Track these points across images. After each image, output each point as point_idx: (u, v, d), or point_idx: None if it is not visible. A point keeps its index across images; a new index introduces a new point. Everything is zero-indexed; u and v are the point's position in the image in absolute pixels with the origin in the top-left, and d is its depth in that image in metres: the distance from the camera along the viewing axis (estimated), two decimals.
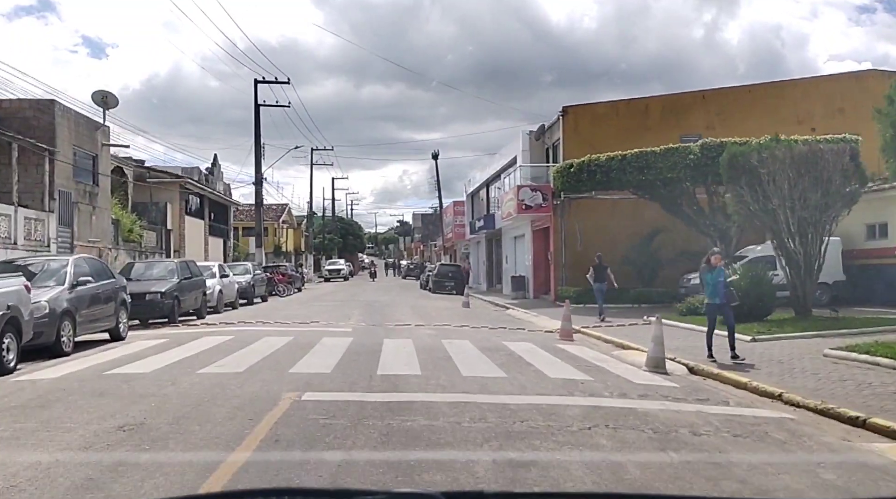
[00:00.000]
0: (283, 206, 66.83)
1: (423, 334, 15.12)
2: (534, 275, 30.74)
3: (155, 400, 7.35)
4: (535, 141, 30.55)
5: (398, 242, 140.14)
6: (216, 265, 22.62)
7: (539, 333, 16.87)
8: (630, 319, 19.27)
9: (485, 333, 15.82)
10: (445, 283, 38.56)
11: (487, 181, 41.71)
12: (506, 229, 36.37)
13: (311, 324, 17.01)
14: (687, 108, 27.54)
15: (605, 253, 27.13)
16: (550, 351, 12.77)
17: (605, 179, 22.35)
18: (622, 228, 26.86)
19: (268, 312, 22.02)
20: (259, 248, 40.00)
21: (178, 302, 17.23)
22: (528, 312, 23.22)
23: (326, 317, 19.52)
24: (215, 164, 41.85)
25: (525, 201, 27.42)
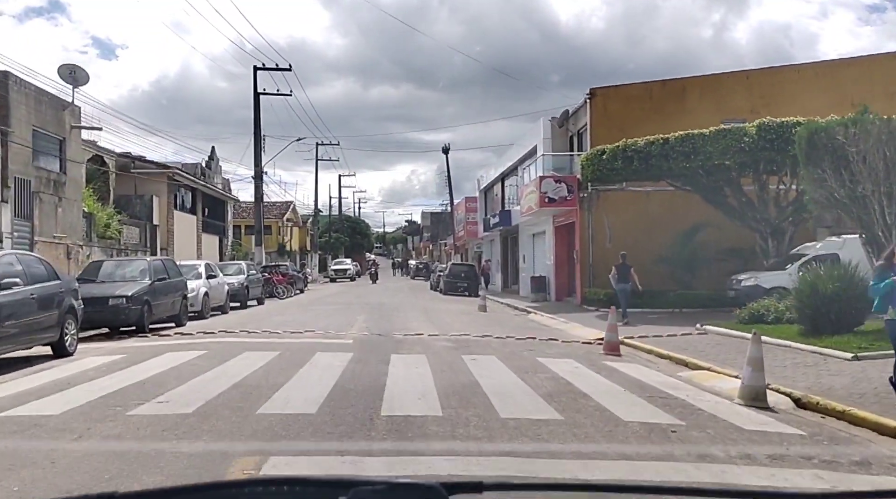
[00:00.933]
0: (287, 203, 64.26)
1: (438, 348, 12.44)
2: (556, 275, 28.02)
3: (19, 480, 4.64)
4: (558, 128, 27.83)
5: (406, 241, 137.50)
6: (202, 265, 20.01)
7: (576, 345, 14.15)
8: (674, 326, 16.55)
9: (513, 346, 13.12)
10: (458, 284, 35.88)
11: (503, 175, 39.00)
12: (523, 226, 33.65)
13: (305, 333, 14.35)
14: (729, 90, 24.77)
15: (639, 252, 24.41)
16: (603, 373, 10.07)
17: (643, 167, 19.61)
18: (657, 224, 24.12)
19: (260, 317, 19.39)
20: (259, 246, 37.41)
21: (148, 308, 14.60)
22: (553, 318, 20.50)
23: (325, 324, 16.87)
24: (213, 157, 39.29)
25: (548, 194, 24.71)
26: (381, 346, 12.56)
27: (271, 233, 61.12)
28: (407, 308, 23.82)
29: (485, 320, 19.66)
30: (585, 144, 26.54)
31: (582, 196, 24.69)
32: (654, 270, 23.54)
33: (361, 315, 19.85)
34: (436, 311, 23.06)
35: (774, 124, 17.99)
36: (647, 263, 23.80)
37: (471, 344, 13.22)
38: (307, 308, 23.33)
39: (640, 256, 24.36)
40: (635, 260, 24.46)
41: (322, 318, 18.95)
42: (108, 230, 21.18)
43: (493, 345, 13.22)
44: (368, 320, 18.24)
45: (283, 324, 16.72)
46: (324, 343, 12.71)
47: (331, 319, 18.34)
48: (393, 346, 12.60)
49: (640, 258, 24.30)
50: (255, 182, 37.47)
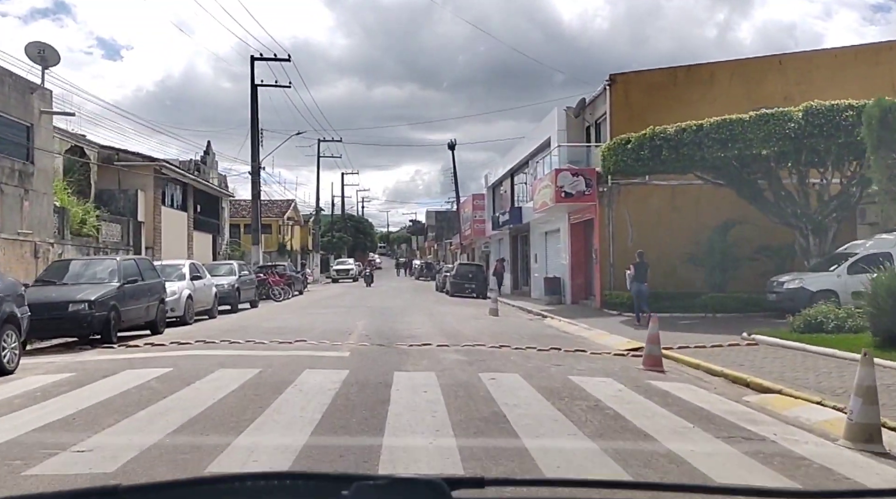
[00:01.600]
0: (288, 201, 62.45)
1: (450, 362, 10.57)
2: (571, 276, 26.12)
3: None
4: (574, 118, 25.91)
5: (411, 241, 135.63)
6: (186, 265, 18.15)
7: (608, 357, 12.26)
8: (715, 334, 14.68)
9: (537, 360, 11.23)
10: (465, 284, 34.00)
11: (512, 171, 37.10)
12: (535, 224, 31.76)
13: (295, 344, 12.47)
14: (760, 76, 22.83)
15: (664, 251, 22.51)
16: (654, 398, 8.19)
17: (672, 157, 17.68)
18: (684, 220, 22.24)
19: (250, 323, 17.53)
20: (256, 245, 35.61)
21: (116, 314, 12.74)
22: (573, 323, 18.61)
23: (321, 331, 15.01)
24: (208, 152, 37.48)
25: (564, 188, 22.81)
26: (383, 360, 10.69)
27: (271, 232, 59.34)
28: (412, 312, 21.96)
29: (498, 326, 17.79)
30: (604, 134, 24.63)
31: (601, 190, 22.80)
32: (681, 270, 21.68)
33: (362, 320, 17.99)
34: (443, 315, 21.20)
35: (823, 108, 16.07)
36: (673, 264, 21.94)
37: (487, 357, 11.35)
38: (303, 312, 21.48)
39: (665, 255, 22.49)
40: (660, 260, 22.61)
41: (318, 324, 17.09)
42: (84, 227, 19.34)
43: (513, 358, 11.34)
44: (369, 327, 16.37)
45: (273, 331, 14.86)
46: (315, 357, 10.84)
47: (327, 326, 16.49)
48: (396, 360, 10.73)
49: (666, 258, 22.43)
50: (252, 178, 35.67)
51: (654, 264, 22.46)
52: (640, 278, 17.26)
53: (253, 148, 35.58)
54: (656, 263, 22.44)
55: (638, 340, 14.37)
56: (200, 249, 29.55)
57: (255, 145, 35.62)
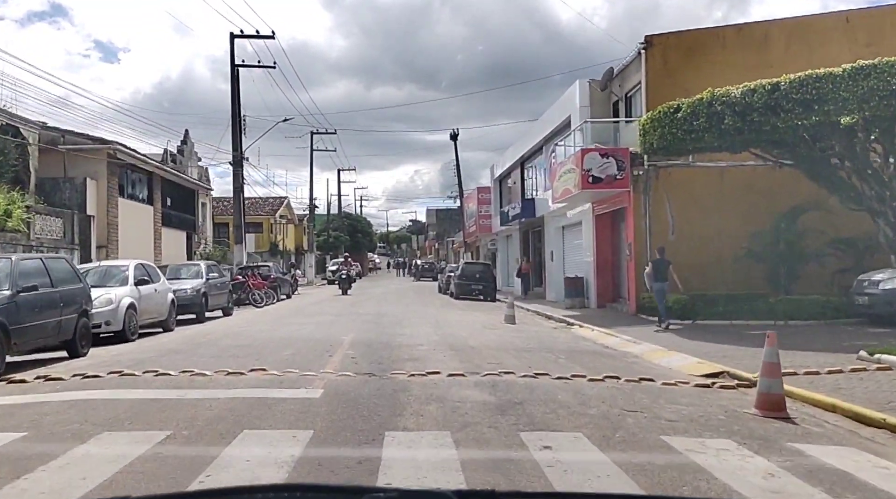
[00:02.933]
0: (280, 199, 58.89)
1: (472, 409, 6.98)
2: (597, 276, 22.57)
3: None
4: (601, 91, 22.32)
5: (411, 240, 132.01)
6: (131, 266, 14.54)
7: (691, 391, 8.67)
8: (811, 350, 11.18)
9: (598, 402, 7.60)
10: (472, 286, 30.44)
11: (523, 159, 33.52)
12: (550, 217, 28.20)
13: (248, 376, 8.89)
14: (824, 37, 19.25)
15: (712, 246, 18.90)
16: (835, 489, 4.63)
17: (738, 126, 14.07)
18: (736, 208, 18.73)
19: (208, 339, 13.95)
20: (239, 245, 32.03)
21: (3, 334, 9.17)
22: (610, 333, 15.03)
23: (294, 351, 11.46)
24: (186, 142, 33.89)
25: (592, 172, 19.23)
26: (369, 405, 7.12)
27: (262, 231, 55.84)
28: (413, 320, 18.38)
29: (521, 339, 14.21)
30: (636, 108, 21.06)
31: (636, 174, 19.23)
32: (735, 268, 18.14)
33: (351, 333, 14.41)
34: (451, 323, 17.62)
35: None
36: (724, 260, 18.39)
37: (523, 396, 7.77)
38: (282, 322, 17.89)
39: (714, 250, 18.92)
40: (708, 256, 19.04)
41: (295, 339, 13.53)
42: (8, 221, 15.75)
43: (563, 397, 7.76)
44: (359, 343, 12.80)
45: (231, 352, 11.30)
46: (269, 401, 7.27)
47: (306, 342, 12.92)
48: (389, 404, 7.17)
49: (715, 253, 18.85)
50: (234, 169, 32.10)
51: (702, 261, 18.94)
52: (661, 277, 15.51)
53: (234, 136, 32.03)
54: (704, 261, 18.91)
55: (711, 361, 10.84)
56: (171, 249, 25.94)
57: (236, 134, 32.07)
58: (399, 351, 11.74)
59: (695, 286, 18.04)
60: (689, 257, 18.85)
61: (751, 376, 9.25)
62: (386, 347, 12.24)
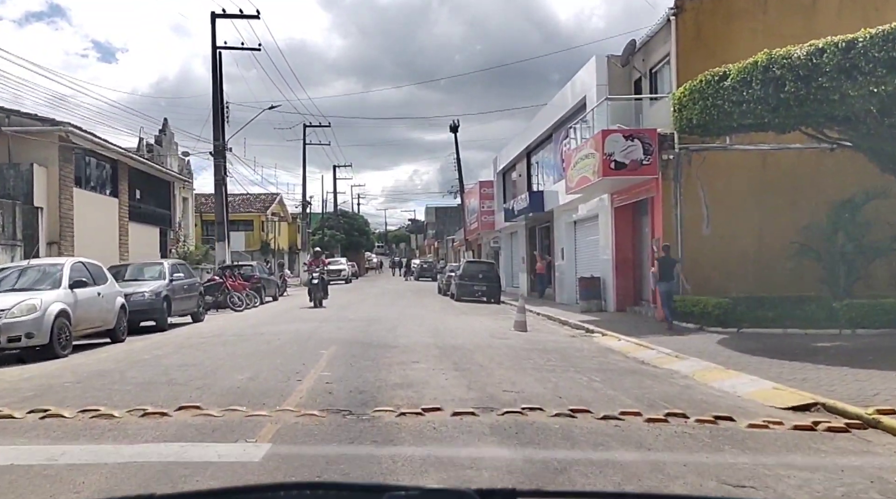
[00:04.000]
0: (272, 195, 56.34)
1: (494, 478, 4.44)
2: (616, 276, 20.09)
3: None
4: (621, 67, 19.80)
5: (409, 240, 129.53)
6: (67, 264, 11.98)
7: (797, 437, 6.15)
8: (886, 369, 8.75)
9: (683, 473, 5.06)
10: (475, 287, 27.95)
11: (529, 149, 31.01)
12: (560, 212, 25.72)
13: (171, 417, 6.33)
14: (882, 1, 16.78)
15: (756, 240, 16.43)
16: None
17: (801, 94, 11.55)
18: (783, 198, 16.28)
19: (151, 356, 11.42)
20: (222, 242, 29.53)
21: None
22: (644, 345, 12.54)
23: (252, 374, 8.97)
24: (164, 131, 31.37)
25: (614, 157, 16.74)
26: (334, 475, 4.60)
27: (252, 229, 53.34)
28: (409, 327, 15.88)
29: (538, 353, 11.70)
30: (662, 84, 18.58)
31: (666, 159, 16.74)
32: (782, 266, 15.66)
33: (332, 346, 11.90)
34: (453, 331, 15.12)
35: None
36: (769, 257, 15.92)
37: (563, 452, 5.27)
38: (257, 330, 15.38)
39: (755, 246, 16.41)
40: (749, 252, 16.56)
41: (261, 354, 11.04)
42: None
43: (623, 458, 5.21)
44: (339, 360, 10.31)
45: (167, 377, 8.80)
46: (178, 470, 4.74)
47: (272, 359, 10.42)
48: (364, 474, 4.64)
49: (757, 250, 16.36)
50: (215, 160, 29.61)
51: (741, 259, 16.45)
52: (667, 277, 14.85)
53: (216, 125, 29.55)
54: (743, 258, 16.43)
55: (789, 385, 8.36)
56: (141, 247, 23.40)
57: (218, 122, 29.57)
58: (389, 371, 9.26)
59: (734, 288, 15.59)
60: (727, 254, 16.39)
61: (863, 412, 6.79)
62: (373, 366, 9.75)
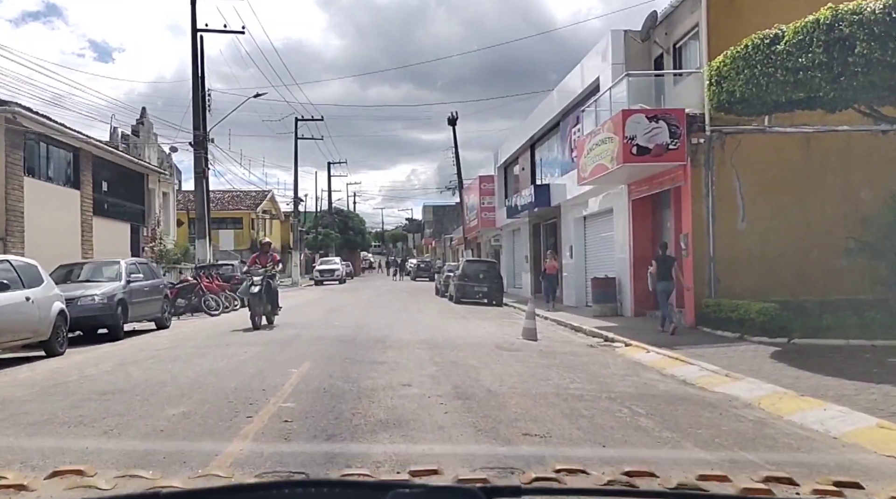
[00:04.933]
0: (263, 192, 54.24)
1: None
2: (633, 277, 18.00)
3: None
4: (641, 42, 17.69)
5: (407, 239, 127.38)
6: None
7: None
8: None
9: None
10: (475, 288, 25.89)
11: (533, 140, 28.90)
12: (568, 207, 23.64)
13: (30, 494, 4.22)
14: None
15: (802, 236, 14.43)
16: None
17: (875, 56, 9.46)
18: (832, 186, 14.21)
19: (71, 379, 9.26)
20: (202, 240, 27.45)
21: None
22: (682, 359, 10.44)
23: (189, 406, 6.86)
24: (142, 121, 29.22)
25: (636, 141, 14.63)
26: None
27: (242, 227, 51.20)
28: (402, 337, 13.75)
29: (558, 372, 9.57)
30: (689, 60, 16.50)
31: (696, 142, 14.64)
32: (828, 266, 13.60)
33: (305, 363, 9.78)
34: (453, 342, 13.00)
35: None
36: (819, 256, 13.86)
37: None
38: (222, 340, 13.25)
39: (798, 243, 14.32)
40: (791, 250, 14.48)
41: (211, 375, 8.94)
42: None
43: None
44: (308, 385, 8.19)
45: (73, 413, 6.68)
46: None
47: (225, 382, 8.31)
48: None
49: (801, 247, 14.27)
50: (195, 152, 27.51)
51: (783, 258, 14.37)
52: (665, 277, 14.00)
53: (196, 113, 27.43)
54: (786, 257, 14.35)
55: None
56: (109, 244, 21.22)
57: (198, 110, 27.46)
58: (371, 400, 7.15)
59: (771, 290, 13.52)
60: (764, 252, 14.32)
61: None
62: (352, 392, 7.64)
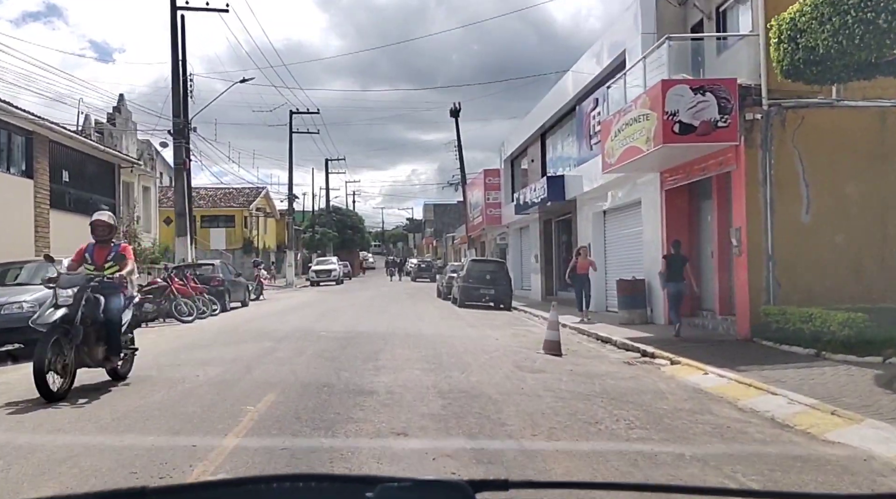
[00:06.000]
0: (257, 189, 51.84)
1: None
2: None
3: None
4: (677, 6, 15.29)
5: (407, 239, 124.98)
6: None
7: None
8: None
9: None
10: (482, 290, 23.55)
11: (543, 130, 26.51)
12: (585, 201, 21.29)
13: None
14: None
15: (881, 233, 12.08)
16: None
17: None
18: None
19: None
20: (182, 237, 25.03)
21: None
22: (756, 385, 8.08)
23: (60, 484, 4.44)
24: (119, 109, 26.83)
25: (679, 117, 12.24)
26: None
27: (234, 225, 48.83)
28: (398, 351, 11.38)
29: (602, 405, 7.18)
30: (734, 25, 14.12)
31: (751, 119, 12.25)
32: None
33: (267, 396, 7.39)
34: (461, 360, 10.61)
35: None
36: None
37: None
38: (174, 359, 10.86)
39: (876, 239, 12.03)
40: (867, 248, 12.15)
41: (138, 420, 6.58)
42: None
43: None
44: (258, 439, 5.81)
45: None
46: None
47: (145, 433, 5.95)
48: None
49: (880, 246, 11.96)
50: (175, 141, 25.13)
51: (858, 256, 12.06)
52: (676, 277, 13.35)
53: (175, 99, 25.06)
54: (860, 255, 12.02)
55: None
56: (68, 240, 18.69)
57: (178, 96, 25.10)
58: (351, 453, 4.78)
59: (845, 297, 11.16)
60: (834, 249, 11.94)
61: None
62: (321, 452, 5.27)
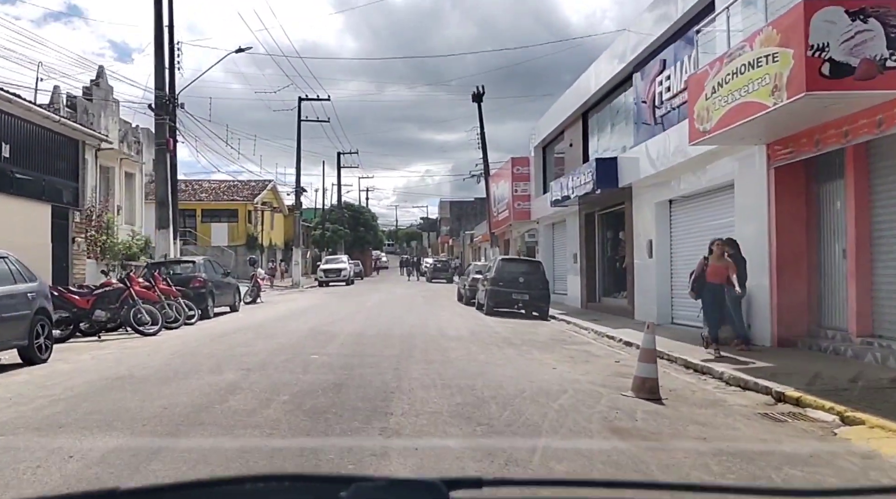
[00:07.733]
0: (263, 182, 48.29)
1: None
2: (776, 286, 11.77)
3: None
4: None
5: (421, 238, 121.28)
6: None
7: None
8: None
9: None
10: (514, 295, 19.85)
11: (586, 108, 22.67)
12: (642, 188, 17.54)
13: None
14: None
15: None
16: None
17: None
18: None
19: None
20: (164, 230, 21.45)
21: None
22: None
23: None
24: (98, 83, 23.28)
25: (829, 54, 8.43)
26: None
27: (237, 220, 45.34)
28: (417, 395, 7.66)
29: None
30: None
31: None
32: None
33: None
34: (518, 415, 6.85)
35: None
36: None
37: None
38: (101, 394, 7.19)
39: None
40: None
41: None
42: None
43: None
44: None
45: None
46: None
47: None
48: None
49: None
50: (156, 117, 21.56)
51: None
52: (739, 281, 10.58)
53: (158, 69, 21.51)
54: None
55: None
56: (15, 231, 15.02)
57: (162, 65, 21.55)
58: None
59: None
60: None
61: None
62: None
